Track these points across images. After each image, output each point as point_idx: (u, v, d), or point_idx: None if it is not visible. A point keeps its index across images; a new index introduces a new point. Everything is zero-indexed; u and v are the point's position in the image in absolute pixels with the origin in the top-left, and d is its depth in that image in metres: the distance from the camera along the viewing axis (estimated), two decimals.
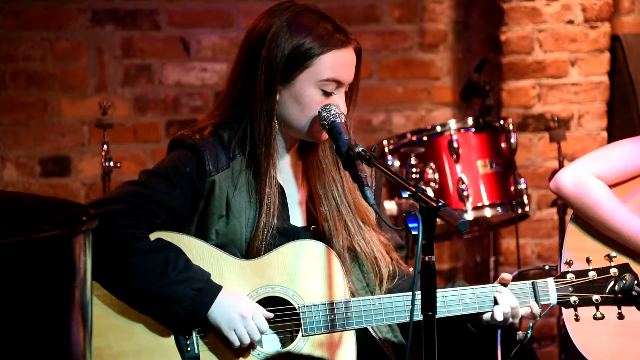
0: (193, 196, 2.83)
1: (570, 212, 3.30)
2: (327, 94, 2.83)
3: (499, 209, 4.47)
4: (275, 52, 2.81)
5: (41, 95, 5.07)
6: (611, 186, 3.23)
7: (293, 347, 2.80)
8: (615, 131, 5.23)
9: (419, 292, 2.50)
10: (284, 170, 2.93)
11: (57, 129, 5.09)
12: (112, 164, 4.32)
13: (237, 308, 2.75)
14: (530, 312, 2.88)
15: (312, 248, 2.84)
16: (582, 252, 3.17)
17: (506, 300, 2.85)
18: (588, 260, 2.94)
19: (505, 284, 2.89)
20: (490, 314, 2.87)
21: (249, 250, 2.83)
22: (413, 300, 2.52)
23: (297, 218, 2.93)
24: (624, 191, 3.24)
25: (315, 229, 2.91)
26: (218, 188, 2.83)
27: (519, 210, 4.49)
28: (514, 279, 2.95)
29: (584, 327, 3.03)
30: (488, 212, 4.46)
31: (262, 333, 2.77)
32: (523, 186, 4.50)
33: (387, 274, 2.92)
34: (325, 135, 2.86)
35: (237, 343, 2.76)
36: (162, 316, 2.77)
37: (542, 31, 5.15)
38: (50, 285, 1.95)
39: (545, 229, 5.25)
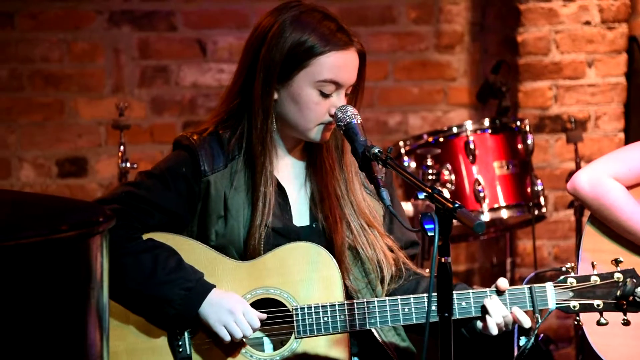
0: (189, 197, 2.84)
1: (587, 213, 3.28)
2: (325, 95, 2.81)
3: (516, 211, 4.46)
4: (274, 50, 2.81)
5: (58, 96, 5.09)
6: (628, 188, 3.21)
7: (286, 348, 2.79)
8: (633, 132, 5.21)
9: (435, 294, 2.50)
10: (286, 170, 2.93)
11: (74, 129, 5.11)
12: (128, 164, 4.33)
13: (227, 305, 2.74)
14: (517, 319, 2.80)
15: (309, 250, 2.83)
16: (599, 253, 3.15)
17: (497, 310, 2.79)
18: (593, 265, 2.88)
19: (501, 291, 2.83)
20: (483, 323, 2.82)
21: (246, 250, 2.82)
22: (429, 302, 2.52)
23: (300, 218, 2.92)
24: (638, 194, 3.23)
25: (316, 227, 2.90)
26: (214, 188, 2.83)
27: (536, 212, 4.48)
28: (531, 280, 2.92)
29: (601, 329, 3.02)
30: (504, 214, 4.45)
31: (254, 330, 2.76)
32: (540, 187, 4.48)
33: (390, 276, 2.90)
34: (325, 137, 2.85)
35: (227, 338, 2.74)
36: (153, 316, 2.78)
37: (558, 32, 5.13)
38: (67, 285, 1.95)
39: (562, 231, 5.23)
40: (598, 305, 2.85)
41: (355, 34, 2.87)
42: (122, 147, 4.36)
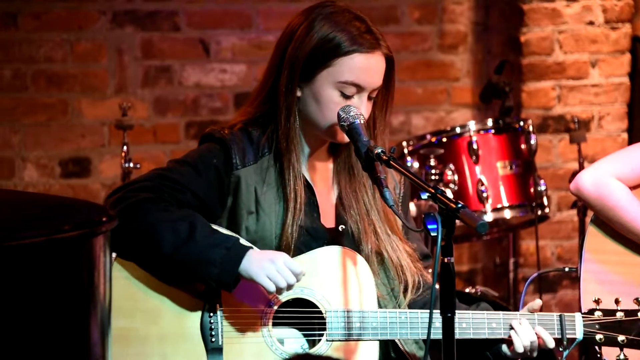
0: (219, 188, 2.83)
1: (590, 213, 3.28)
2: (346, 97, 2.81)
3: (519, 211, 4.46)
4: (299, 47, 2.81)
5: (62, 97, 5.09)
6: (632, 188, 3.20)
7: (315, 350, 2.79)
8: (636, 132, 5.20)
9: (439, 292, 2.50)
10: (313, 171, 2.92)
11: (77, 130, 5.11)
12: (132, 165, 4.33)
13: (268, 255, 2.73)
14: (541, 338, 2.85)
15: (345, 255, 2.82)
16: (602, 254, 3.14)
17: (526, 334, 2.83)
18: (617, 301, 2.91)
19: (533, 312, 2.87)
20: (509, 346, 2.85)
21: (279, 247, 2.81)
22: (431, 309, 2.52)
23: (326, 218, 2.91)
24: None
25: (344, 230, 2.90)
26: (244, 183, 2.83)
27: (539, 212, 4.48)
28: (534, 281, 2.93)
29: None
30: (507, 214, 4.44)
31: (296, 275, 2.73)
32: (543, 188, 4.48)
33: (413, 283, 2.89)
34: (344, 137, 2.84)
35: (272, 288, 2.70)
36: (193, 279, 2.76)
37: (562, 32, 5.13)
38: (70, 286, 1.95)
39: (565, 231, 5.23)
40: (622, 341, 2.88)
41: (384, 37, 2.85)
42: (125, 147, 4.36)
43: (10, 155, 5.07)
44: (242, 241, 2.77)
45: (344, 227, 2.90)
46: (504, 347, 2.87)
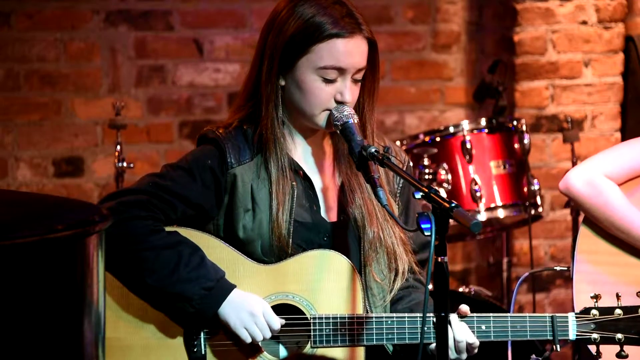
0: (216, 189, 2.82)
1: (583, 213, 3.27)
2: (328, 81, 2.79)
3: (512, 210, 4.46)
4: (278, 36, 2.80)
5: (55, 96, 5.09)
6: (619, 185, 3.19)
7: None
8: (629, 132, 5.21)
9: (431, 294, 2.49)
10: (309, 161, 2.91)
11: (70, 129, 5.11)
12: (125, 164, 4.33)
13: (248, 306, 2.74)
14: (469, 344, 2.77)
15: (333, 259, 2.81)
16: (594, 255, 3.13)
17: (452, 332, 2.75)
18: (618, 296, 2.85)
19: (462, 316, 2.80)
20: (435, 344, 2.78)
21: (275, 244, 2.80)
22: (424, 312, 2.51)
23: (329, 210, 2.89)
24: (628, 188, 3.20)
25: (345, 218, 2.88)
26: (240, 181, 2.82)
27: (532, 211, 4.48)
28: (526, 280, 2.91)
29: None
30: (501, 213, 4.44)
31: (273, 332, 2.76)
32: (536, 187, 4.49)
33: (402, 271, 2.88)
34: (331, 123, 2.81)
35: (248, 340, 2.73)
36: (171, 312, 2.77)
37: (555, 32, 5.14)
38: (63, 285, 1.95)
39: (558, 230, 5.23)
40: (619, 339, 2.83)
41: (366, 21, 2.84)
42: (118, 147, 4.36)
43: (3, 155, 5.06)
44: (227, 278, 2.76)
45: (344, 216, 2.88)
46: (432, 346, 2.77)
